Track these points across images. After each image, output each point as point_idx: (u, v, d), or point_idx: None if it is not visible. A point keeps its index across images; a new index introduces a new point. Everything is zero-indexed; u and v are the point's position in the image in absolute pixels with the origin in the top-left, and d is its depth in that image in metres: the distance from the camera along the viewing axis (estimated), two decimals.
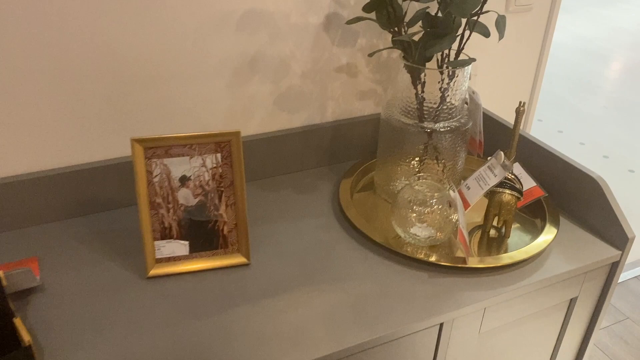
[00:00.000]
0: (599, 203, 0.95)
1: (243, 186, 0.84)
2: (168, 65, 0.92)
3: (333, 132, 1.11)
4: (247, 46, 0.97)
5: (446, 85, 0.93)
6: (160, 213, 0.83)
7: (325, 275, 0.85)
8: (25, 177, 0.90)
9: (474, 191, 0.95)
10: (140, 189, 0.81)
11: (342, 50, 1.05)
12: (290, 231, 0.94)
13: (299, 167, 1.11)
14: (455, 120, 0.97)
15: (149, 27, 0.88)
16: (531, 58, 1.26)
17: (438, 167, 1.00)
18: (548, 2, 1.22)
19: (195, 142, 0.82)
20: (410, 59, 0.91)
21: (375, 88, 1.13)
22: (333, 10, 1.00)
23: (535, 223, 1.00)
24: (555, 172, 1.02)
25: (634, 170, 2.79)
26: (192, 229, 0.84)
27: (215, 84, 0.97)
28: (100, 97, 0.90)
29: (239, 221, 0.85)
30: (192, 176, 0.83)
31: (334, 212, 1.00)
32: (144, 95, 0.93)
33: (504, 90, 1.28)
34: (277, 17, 0.96)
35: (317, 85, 1.07)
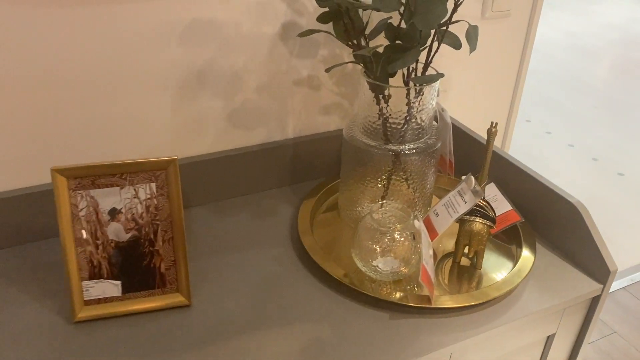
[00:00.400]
0: (579, 230, 0.87)
1: (181, 219, 0.75)
2: (104, 81, 0.83)
3: (295, 150, 1.03)
4: (193, 59, 0.88)
5: (413, 103, 0.85)
6: (88, 250, 0.74)
7: (277, 316, 0.76)
8: None
9: (442, 219, 0.87)
10: (64, 224, 0.72)
11: (302, 62, 0.96)
12: (241, 264, 0.86)
13: (258, 187, 1.03)
14: (423, 141, 0.88)
15: (80, 38, 0.79)
16: (511, 67, 1.18)
17: (407, 189, 0.92)
18: (528, 7, 1.13)
19: (126, 170, 0.73)
20: (371, 75, 0.83)
21: (340, 102, 1.04)
22: (290, 19, 0.91)
23: (510, 250, 0.92)
24: (533, 195, 0.94)
25: (623, 173, 2.72)
26: (125, 267, 0.75)
27: (159, 100, 0.88)
28: (23, 119, 0.81)
29: (178, 257, 0.76)
30: (123, 209, 0.74)
31: (291, 239, 0.92)
32: (76, 116, 0.84)
33: (481, 103, 1.19)
34: (227, 27, 0.87)
35: (275, 100, 0.98)
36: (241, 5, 0.87)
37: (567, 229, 0.89)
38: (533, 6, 1.13)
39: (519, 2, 1.11)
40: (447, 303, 0.78)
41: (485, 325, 0.77)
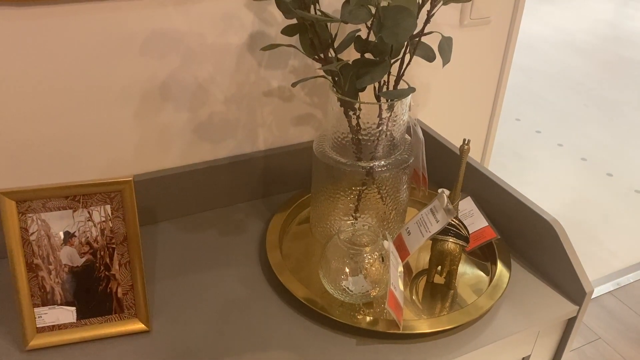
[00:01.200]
0: (555, 249, 0.84)
1: (138, 241, 0.72)
2: (60, 95, 0.80)
3: (266, 162, 0.99)
4: (155, 71, 0.84)
5: (384, 118, 0.82)
6: (40, 276, 0.71)
7: (242, 343, 0.73)
8: None
9: (414, 238, 0.84)
10: (13, 249, 0.69)
11: (272, 72, 0.93)
12: (205, 285, 0.83)
13: (228, 201, 0.99)
14: (395, 157, 0.85)
15: (33, 50, 0.75)
16: (491, 75, 1.14)
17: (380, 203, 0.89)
18: (509, 13, 1.10)
19: (78, 192, 0.69)
20: (340, 90, 0.79)
21: (312, 112, 1.01)
22: (257, 29, 0.88)
23: (485, 267, 0.90)
24: (510, 211, 0.91)
25: (612, 174, 2.70)
26: (80, 292, 0.72)
27: (120, 115, 0.85)
28: None
29: (136, 281, 0.73)
30: (76, 232, 0.70)
31: (259, 257, 0.89)
32: (30, 133, 0.80)
33: (460, 112, 1.16)
34: (189, 38, 0.84)
35: (244, 112, 0.94)
36: (204, 16, 0.83)
37: (543, 247, 0.86)
38: (514, 12, 1.09)
39: (499, 8, 1.08)
40: (419, 328, 0.75)
41: (458, 350, 0.74)
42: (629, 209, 2.44)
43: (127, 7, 0.77)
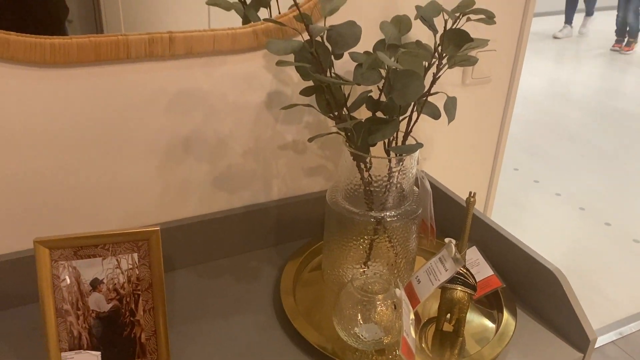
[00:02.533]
0: (558, 298, 0.87)
1: (163, 288, 0.76)
2: (91, 148, 0.85)
3: (279, 211, 1.04)
4: (179, 126, 0.90)
5: (393, 171, 0.87)
6: (69, 321, 0.74)
7: None
8: None
9: (424, 286, 0.87)
10: (45, 295, 0.72)
11: (287, 127, 0.99)
12: (221, 331, 0.85)
13: (243, 249, 1.03)
14: (404, 208, 0.90)
15: (65, 108, 0.81)
16: (492, 130, 1.21)
17: (390, 252, 0.93)
18: (507, 73, 1.17)
19: (108, 241, 0.74)
20: (353, 145, 0.85)
21: (324, 164, 1.06)
22: (275, 89, 0.94)
23: (491, 315, 0.93)
24: (514, 260, 0.95)
25: (610, 223, 2.74)
26: (105, 337, 0.75)
27: (145, 166, 0.90)
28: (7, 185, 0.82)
29: (159, 327, 0.76)
30: (104, 279, 0.74)
31: (274, 304, 0.92)
32: (62, 182, 0.85)
33: (463, 167, 1.22)
34: (212, 96, 0.90)
35: (259, 164, 1.00)
36: (227, 77, 0.89)
37: (547, 295, 0.90)
38: (513, 71, 1.17)
39: (499, 68, 1.15)
40: None
41: None
42: (628, 258, 2.48)
43: (158, 68, 0.83)
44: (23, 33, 0.73)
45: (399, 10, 0.98)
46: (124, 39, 0.78)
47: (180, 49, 0.82)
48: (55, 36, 0.75)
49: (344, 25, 0.79)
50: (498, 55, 1.13)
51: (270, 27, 0.87)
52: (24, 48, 0.73)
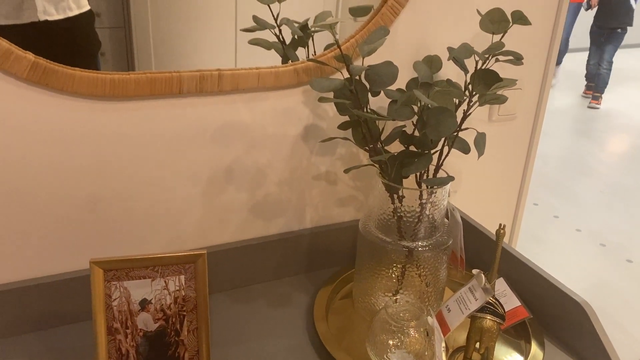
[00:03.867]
0: (586, 329, 0.90)
1: (207, 310, 0.80)
2: (140, 178, 0.90)
3: (311, 239, 1.08)
4: (222, 157, 0.95)
5: (425, 202, 0.91)
6: (118, 339, 0.78)
7: None
8: None
9: (454, 315, 0.90)
10: (98, 314, 0.76)
11: (321, 159, 1.04)
12: (256, 355, 0.89)
13: (275, 275, 1.07)
14: (435, 239, 0.93)
15: (120, 138, 0.87)
16: (517, 165, 1.25)
17: (420, 282, 0.96)
18: (532, 110, 1.22)
19: (158, 263, 0.78)
20: (386, 177, 0.89)
21: (355, 195, 1.11)
22: (312, 122, 0.99)
23: (519, 345, 0.95)
24: (540, 292, 0.98)
25: (632, 260, 2.73)
26: (151, 356, 0.79)
27: (188, 195, 0.95)
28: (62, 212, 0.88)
29: (201, 348, 0.80)
30: (153, 300, 0.79)
31: (307, 329, 0.95)
32: (112, 210, 0.90)
33: (489, 200, 1.25)
34: (253, 128, 0.95)
35: (294, 193, 1.04)
36: (267, 111, 0.95)
37: (574, 326, 0.92)
38: (537, 109, 1.21)
39: (524, 106, 1.20)
40: None
41: None
42: None
43: (206, 102, 0.89)
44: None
45: (430, 51, 1.04)
46: (178, 76, 0.84)
47: (227, 85, 0.88)
48: (114, 72, 0.82)
49: (382, 65, 0.84)
50: (523, 94, 1.18)
51: (309, 65, 0.93)
52: (87, 83, 0.80)
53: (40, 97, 0.80)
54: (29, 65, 0.76)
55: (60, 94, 0.80)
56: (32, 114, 0.80)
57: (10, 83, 0.77)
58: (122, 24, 0.86)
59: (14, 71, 0.76)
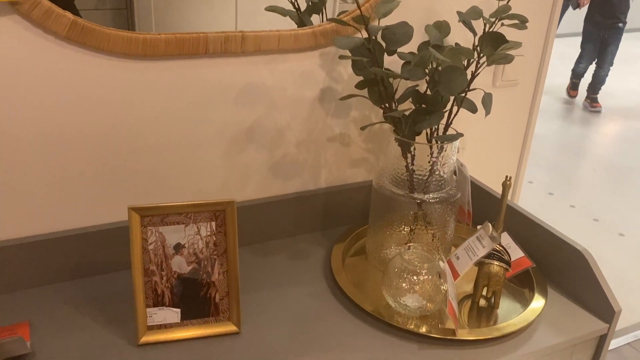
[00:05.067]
0: (586, 275, 0.96)
1: (236, 254, 0.86)
2: (168, 134, 0.96)
3: (326, 199, 1.14)
4: (244, 117, 1.00)
5: (435, 158, 0.97)
6: (154, 280, 0.84)
7: (315, 345, 0.85)
8: (19, 242, 0.91)
9: (463, 262, 0.97)
10: (135, 256, 0.82)
11: (336, 121, 1.09)
12: (281, 299, 0.95)
13: (292, 232, 1.13)
14: (444, 192, 1.00)
15: (151, 96, 0.92)
16: (519, 130, 1.31)
17: (428, 235, 1.03)
18: (534, 77, 1.28)
19: (191, 210, 0.84)
20: (400, 133, 0.95)
21: (367, 157, 1.17)
22: (328, 85, 1.05)
23: (523, 293, 1.01)
24: (543, 243, 1.04)
25: (624, 234, 2.82)
26: (185, 296, 0.85)
27: (212, 152, 1.01)
28: (97, 164, 0.93)
29: (231, 289, 0.86)
30: (186, 244, 0.84)
31: (325, 278, 1.01)
32: (142, 163, 0.96)
33: (492, 161, 1.32)
34: (273, 90, 1.01)
35: (311, 154, 1.10)
36: (287, 73, 1.00)
37: (575, 273, 0.98)
38: (538, 76, 1.27)
39: (526, 72, 1.26)
40: (469, 336, 0.87)
41: (503, 357, 0.85)
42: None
43: (230, 63, 0.95)
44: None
45: (439, 17, 1.09)
46: (204, 36, 0.90)
47: (250, 46, 0.93)
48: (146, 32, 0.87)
49: (397, 25, 0.89)
50: (525, 61, 1.24)
51: (327, 28, 0.98)
52: (121, 41, 0.85)
53: (77, 55, 0.84)
54: (68, 24, 0.81)
55: (96, 53, 0.85)
56: (70, 71, 0.85)
57: (50, 41, 0.82)
58: (124, 5, 0.90)
59: (54, 29, 0.81)
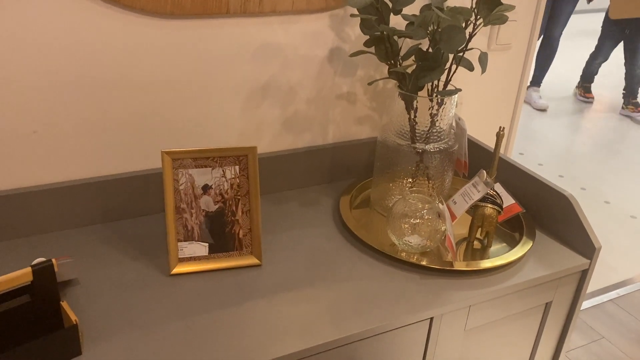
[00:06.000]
0: (570, 218, 1.07)
1: (257, 195, 0.95)
2: (192, 87, 1.04)
3: (333, 153, 1.23)
4: (260, 74, 1.09)
5: (435, 111, 1.06)
6: (184, 217, 0.93)
7: (329, 275, 0.95)
8: (59, 185, 1.00)
9: (460, 205, 1.07)
10: (168, 195, 0.91)
11: (343, 79, 1.18)
12: (296, 239, 1.05)
13: (303, 183, 1.23)
14: (444, 143, 1.09)
15: (177, 53, 1.00)
16: (511, 91, 1.40)
17: (428, 185, 1.13)
18: (525, 41, 1.37)
19: (217, 155, 0.93)
20: (404, 88, 1.04)
21: (371, 114, 1.26)
22: (336, 45, 1.14)
23: (514, 236, 1.12)
24: (532, 191, 1.15)
25: (609, 201, 2.94)
26: (212, 232, 0.95)
27: (231, 106, 1.09)
28: (130, 115, 1.02)
29: (253, 226, 0.96)
30: (213, 185, 0.94)
31: (335, 223, 1.11)
32: (169, 114, 1.05)
33: (486, 119, 1.41)
34: (287, 49, 1.09)
35: (319, 111, 1.19)
36: (299, 32, 1.09)
37: (561, 217, 1.09)
38: (530, 40, 1.36)
39: (518, 37, 1.35)
40: (466, 267, 0.98)
41: (496, 285, 0.96)
42: (626, 232, 2.67)
43: (248, 23, 1.03)
44: None
45: None
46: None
47: (267, 6, 1.02)
48: None
49: None
50: (518, 25, 1.33)
51: None
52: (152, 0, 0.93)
53: (111, 12, 0.93)
54: None
55: (129, 11, 0.93)
56: (104, 28, 0.93)
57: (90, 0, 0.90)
58: None
59: None
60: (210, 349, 0.79)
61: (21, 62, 0.90)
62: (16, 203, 0.98)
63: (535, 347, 1.12)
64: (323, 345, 0.82)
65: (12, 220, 0.98)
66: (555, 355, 1.16)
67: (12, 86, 0.91)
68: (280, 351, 0.79)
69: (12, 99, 0.92)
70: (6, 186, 0.98)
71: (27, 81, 0.92)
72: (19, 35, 0.88)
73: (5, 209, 0.97)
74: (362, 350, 0.88)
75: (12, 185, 0.98)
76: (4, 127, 0.94)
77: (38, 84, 0.93)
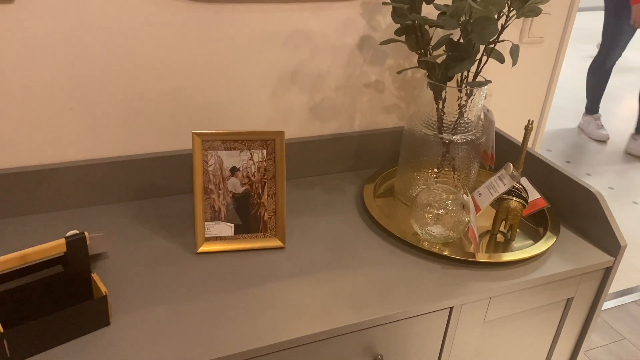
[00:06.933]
0: (597, 215, 1.06)
1: (283, 179, 0.97)
2: (224, 71, 1.06)
3: (359, 141, 1.24)
4: (290, 60, 1.10)
5: (464, 102, 1.06)
6: (212, 198, 0.95)
7: (350, 261, 0.97)
8: (93, 162, 1.03)
9: (484, 197, 1.07)
10: (197, 175, 0.94)
11: (372, 68, 1.19)
12: (319, 224, 1.06)
13: (328, 170, 1.24)
14: (471, 134, 1.09)
15: (214, 37, 1.02)
16: (541, 85, 1.39)
17: (453, 176, 1.13)
18: (558, 35, 1.35)
19: (245, 138, 0.95)
20: (433, 78, 1.04)
21: (398, 104, 1.26)
22: (367, 33, 1.14)
23: (538, 231, 1.12)
24: (558, 186, 1.14)
25: (637, 202, 2.89)
26: (238, 213, 0.97)
27: (261, 90, 1.11)
28: (163, 96, 1.04)
29: (278, 209, 0.97)
30: (240, 167, 0.95)
31: (358, 211, 1.12)
32: (201, 97, 1.07)
33: (515, 112, 1.40)
34: (318, 36, 1.10)
35: (347, 98, 1.20)
36: (330, 20, 1.10)
37: (587, 214, 1.08)
38: (563, 35, 1.34)
39: (551, 30, 1.33)
40: (487, 259, 0.98)
41: (518, 279, 0.96)
42: None
43: (277, 9, 1.04)
44: None
45: None
46: None
47: None
48: None
49: None
50: (551, 19, 1.31)
51: None
52: None
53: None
54: None
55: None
56: (140, 11, 0.95)
57: None
58: None
59: None
60: (231, 326, 0.81)
61: (60, 42, 0.93)
62: (52, 178, 1.01)
63: (554, 343, 1.12)
64: (342, 328, 0.83)
65: (48, 194, 1.02)
66: (574, 352, 1.16)
67: (50, 62, 0.94)
68: (301, 332, 0.81)
69: (51, 76, 0.95)
70: (44, 160, 1.01)
71: (66, 60, 0.95)
72: (61, 19, 0.91)
73: (43, 183, 1.01)
74: (381, 335, 0.89)
75: (49, 160, 1.02)
76: (44, 102, 0.97)
77: (76, 62, 0.95)
